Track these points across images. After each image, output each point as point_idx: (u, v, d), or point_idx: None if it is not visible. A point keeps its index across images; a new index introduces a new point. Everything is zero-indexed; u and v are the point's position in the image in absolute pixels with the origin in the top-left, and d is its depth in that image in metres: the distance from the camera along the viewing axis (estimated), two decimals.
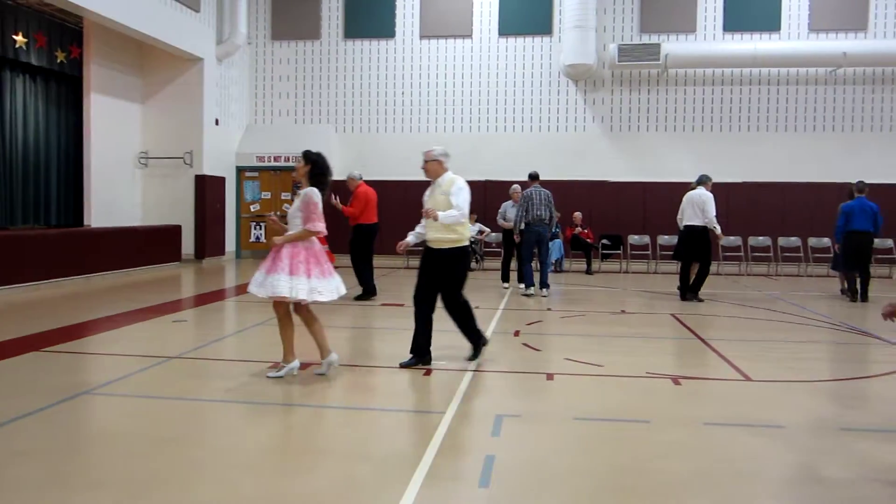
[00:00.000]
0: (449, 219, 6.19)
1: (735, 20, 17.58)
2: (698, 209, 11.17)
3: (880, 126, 17.43)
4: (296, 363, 5.97)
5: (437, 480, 3.81)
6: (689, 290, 11.40)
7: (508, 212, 12.84)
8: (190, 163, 16.50)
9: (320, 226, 5.77)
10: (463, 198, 6.26)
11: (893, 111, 17.41)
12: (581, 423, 4.88)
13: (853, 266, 11.66)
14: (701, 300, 11.25)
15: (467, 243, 6.47)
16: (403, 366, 6.37)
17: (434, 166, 6.46)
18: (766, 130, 17.71)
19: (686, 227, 11.33)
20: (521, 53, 18.23)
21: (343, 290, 5.94)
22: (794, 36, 17.44)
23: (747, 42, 17.37)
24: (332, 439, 4.57)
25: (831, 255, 13.73)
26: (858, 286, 11.58)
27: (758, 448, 4.42)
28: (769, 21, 17.50)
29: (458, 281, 6.47)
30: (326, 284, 5.77)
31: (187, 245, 16.50)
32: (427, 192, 6.52)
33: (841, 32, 17.34)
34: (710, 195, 11.25)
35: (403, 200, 14.74)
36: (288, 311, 5.93)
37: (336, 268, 6.15)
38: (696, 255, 11.35)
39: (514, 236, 12.03)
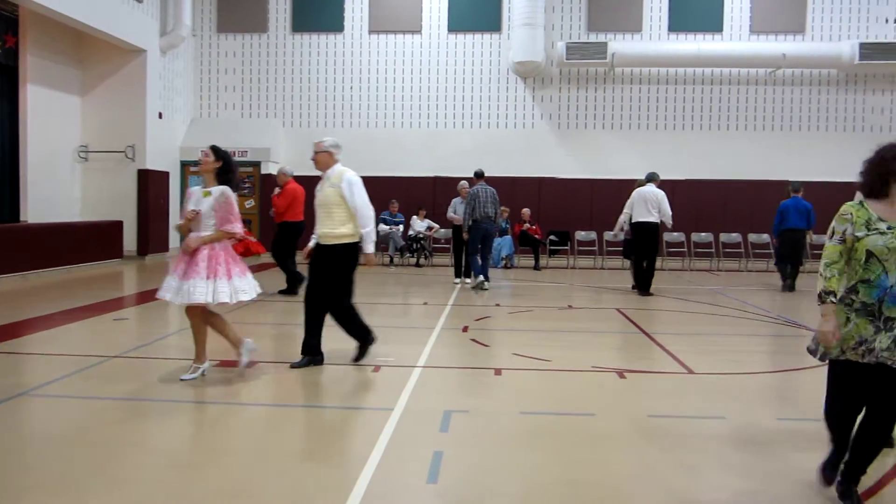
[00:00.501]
0: (373, 234, 6.13)
1: (679, 21, 17.93)
2: (652, 206, 11.49)
3: (816, 126, 17.99)
4: (207, 364, 5.82)
5: (384, 477, 3.81)
6: (641, 287, 11.69)
7: (458, 207, 12.92)
8: (132, 157, 16.10)
9: (238, 227, 5.60)
10: (360, 196, 6.02)
11: (829, 111, 17.99)
12: (529, 418, 4.93)
13: (788, 260, 12.22)
14: (651, 294, 11.55)
15: (356, 239, 6.17)
16: (294, 366, 6.15)
17: (324, 157, 6.18)
18: (708, 129, 18.11)
19: (638, 223, 11.60)
20: (470, 50, 18.29)
21: (259, 287, 5.83)
22: (735, 37, 17.87)
23: (691, 42, 17.72)
24: (278, 438, 4.53)
25: (772, 251, 14.23)
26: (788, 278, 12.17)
27: (700, 439, 4.53)
28: (712, 22, 17.90)
29: (343, 280, 6.19)
30: (248, 283, 5.62)
31: (129, 241, 16.10)
32: (318, 187, 6.27)
33: (780, 34, 17.84)
34: (663, 192, 11.65)
35: None
36: (205, 316, 5.72)
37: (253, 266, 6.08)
38: (647, 250, 11.63)
39: (463, 234, 12.12)
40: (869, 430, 3.45)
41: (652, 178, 11.84)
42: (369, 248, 6.13)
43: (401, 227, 16.35)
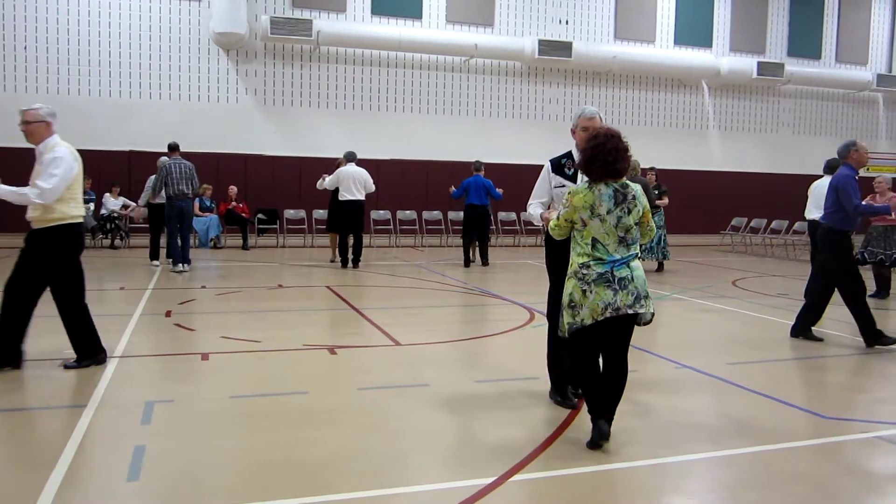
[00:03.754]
0: (14, 196, 5.20)
1: (382, 5, 18.44)
2: (358, 184, 12.13)
3: (505, 112, 19.72)
4: None
5: (78, 480, 3.47)
6: (352, 261, 12.29)
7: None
8: None
9: None
10: (54, 173, 5.16)
11: (514, 100, 19.78)
12: (239, 402, 4.80)
13: (471, 235, 13.18)
14: (356, 266, 12.20)
15: (74, 221, 5.40)
16: None
17: (36, 129, 5.32)
18: (410, 111, 18.94)
19: (347, 201, 12.11)
20: (167, 16, 17.07)
21: None
22: (433, 25, 18.85)
23: (393, 27, 18.33)
24: None
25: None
26: (478, 254, 13.20)
27: (407, 407, 4.76)
28: (412, 9, 18.68)
29: (61, 271, 5.39)
30: None
31: None
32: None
33: (472, 26, 19.18)
34: (366, 171, 12.37)
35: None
36: None
37: None
38: (355, 227, 12.23)
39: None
40: (613, 373, 4.03)
41: (351, 157, 12.40)
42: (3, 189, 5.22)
43: (91, 206, 14.88)
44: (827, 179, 9.64)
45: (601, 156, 3.89)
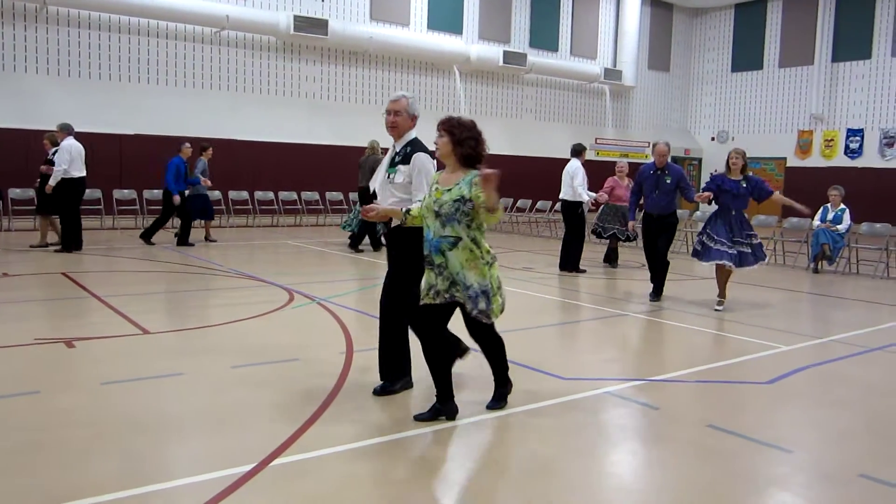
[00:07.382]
0: None
1: None
2: (82, 161, 11.47)
3: (260, 88, 19.07)
4: None
5: None
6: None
7: None
8: None
9: None
10: None
11: (269, 76, 19.17)
12: None
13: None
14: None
15: None
16: None
17: None
18: (156, 83, 17.66)
19: (75, 178, 11.34)
20: None
21: None
22: None
23: None
24: None
25: (224, 208, 14.67)
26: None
27: (159, 399, 4.48)
28: None
29: None
30: None
31: None
32: None
33: None
34: (81, 146, 11.63)
35: None
36: None
37: None
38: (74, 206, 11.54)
39: None
40: (488, 345, 4.36)
41: (67, 128, 11.55)
42: None
43: None
44: (573, 162, 10.65)
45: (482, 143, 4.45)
